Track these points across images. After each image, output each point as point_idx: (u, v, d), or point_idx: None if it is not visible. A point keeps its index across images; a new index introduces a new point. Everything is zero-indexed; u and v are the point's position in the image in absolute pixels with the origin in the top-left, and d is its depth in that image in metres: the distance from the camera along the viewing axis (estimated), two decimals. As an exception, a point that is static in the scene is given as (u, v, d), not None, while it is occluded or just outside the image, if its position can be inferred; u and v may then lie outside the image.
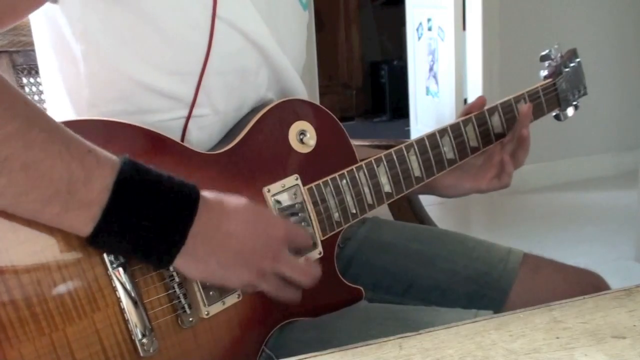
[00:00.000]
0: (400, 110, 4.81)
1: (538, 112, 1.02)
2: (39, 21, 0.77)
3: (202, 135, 0.77)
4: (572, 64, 1.08)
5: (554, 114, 1.07)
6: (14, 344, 0.56)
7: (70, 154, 0.57)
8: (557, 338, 0.55)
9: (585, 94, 1.11)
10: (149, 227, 0.60)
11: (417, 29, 3.83)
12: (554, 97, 1.04)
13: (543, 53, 1.05)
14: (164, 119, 0.74)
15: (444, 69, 3.60)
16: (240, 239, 0.66)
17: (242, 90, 0.79)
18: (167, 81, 0.73)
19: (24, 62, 1.01)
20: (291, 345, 0.77)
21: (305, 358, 0.55)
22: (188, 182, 0.64)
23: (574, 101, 1.09)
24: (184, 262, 0.64)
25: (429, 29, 3.70)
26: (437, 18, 3.59)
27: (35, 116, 0.57)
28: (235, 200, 0.68)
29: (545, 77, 1.06)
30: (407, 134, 4.18)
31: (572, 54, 1.09)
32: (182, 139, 0.76)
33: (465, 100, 3.50)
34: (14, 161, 0.55)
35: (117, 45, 0.71)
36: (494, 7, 3.19)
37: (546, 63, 1.06)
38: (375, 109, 5.30)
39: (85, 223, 0.59)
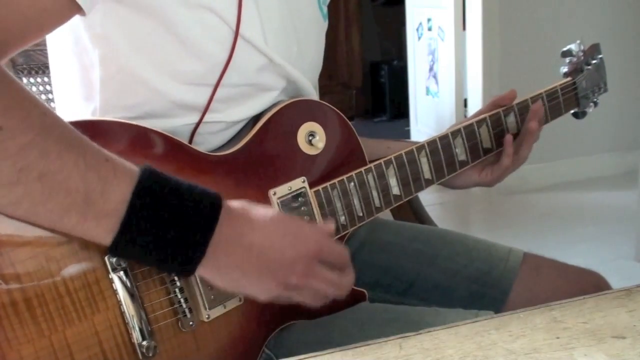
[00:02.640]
0: (400, 110, 4.80)
1: (555, 112, 0.99)
2: (54, 32, 0.76)
3: (212, 139, 0.77)
4: (594, 61, 1.04)
5: (572, 112, 1.03)
6: (14, 345, 0.56)
7: (86, 164, 0.57)
8: (557, 338, 0.55)
9: (605, 91, 1.07)
10: (169, 239, 0.60)
11: (417, 29, 3.83)
12: (572, 96, 1.01)
13: (564, 49, 1.01)
14: (174, 125, 0.74)
15: (444, 69, 3.59)
16: (265, 252, 0.64)
17: (256, 99, 0.78)
18: (183, 90, 0.73)
19: (24, 62, 1.01)
20: (291, 345, 0.77)
21: (305, 358, 0.55)
22: (210, 191, 0.63)
23: (594, 99, 1.05)
24: (207, 272, 0.63)
25: (429, 29, 3.69)
26: (437, 18, 3.59)
27: (52, 125, 0.57)
28: (262, 211, 0.66)
29: (565, 75, 1.02)
30: (407, 134, 4.18)
31: (595, 49, 1.04)
32: (190, 143, 0.75)
33: (466, 101, 3.50)
34: (30, 172, 0.54)
35: (136, 51, 0.71)
36: (494, 7, 3.19)
37: (567, 59, 1.02)
38: (375, 109, 5.29)
39: (104, 233, 0.58)
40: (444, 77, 3.61)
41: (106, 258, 0.62)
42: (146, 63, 0.71)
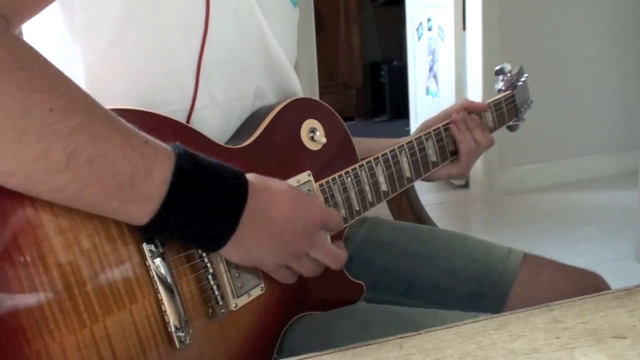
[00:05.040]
0: (400, 110, 4.81)
1: (501, 121, 1.10)
2: (34, 26, 0.76)
3: (204, 128, 0.77)
4: (522, 79, 1.15)
5: (507, 125, 1.13)
6: (56, 336, 0.56)
7: (130, 146, 0.57)
8: (557, 338, 0.55)
9: (531, 107, 1.18)
10: (204, 216, 0.61)
11: (417, 29, 3.83)
12: (513, 107, 1.12)
13: (497, 68, 1.14)
14: (166, 113, 0.73)
15: (444, 69, 3.59)
16: (282, 223, 0.67)
17: (240, 81, 0.79)
18: (166, 73, 0.73)
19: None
20: (292, 345, 0.77)
21: (305, 358, 0.56)
22: (236, 168, 0.65)
23: (524, 114, 1.16)
24: (229, 247, 0.64)
25: (429, 29, 3.69)
26: (437, 18, 3.59)
27: (95, 108, 0.57)
28: (277, 184, 0.69)
29: (500, 90, 1.13)
30: (407, 134, 4.12)
31: (521, 70, 1.17)
32: None
33: (466, 101, 3.50)
34: (79, 156, 0.54)
35: (116, 40, 0.71)
36: (494, 7, 3.19)
37: (500, 77, 1.14)
38: (375, 109, 5.30)
39: (143, 215, 0.58)
40: (444, 77, 3.61)
41: (144, 245, 0.61)
42: (128, 49, 0.71)
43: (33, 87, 0.52)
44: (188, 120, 0.75)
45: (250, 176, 0.67)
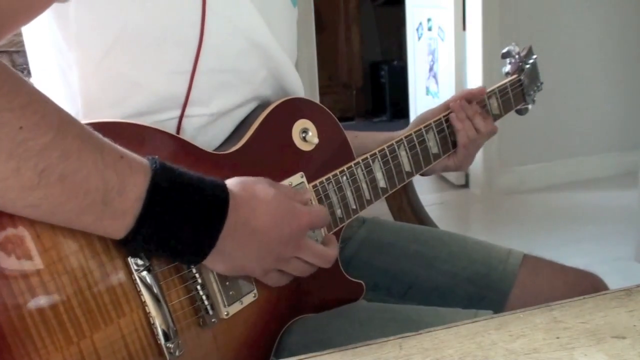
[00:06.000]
0: (400, 110, 4.80)
1: (507, 107, 1.07)
2: (30, 33, 0.76)
3: (198, 135, 0.76)
4: (530, 61, 1.12)
5: (516, 108, 1.11)
6: (43, 354, 0.55)
7: (104, 162, 0.56)
8: (557, 338, 0.55)
9: (541, 89, 1.15)
10: (182, 232, 0.60)
11: (417, 29, 3.83)
12: (520, 92, 1.10)
13: (504, 51, 1.11)
14: (158, 120, 0.73)
15: (444, 69, 3.59)
16: (267, 232, 0.67)
17: (238, 89, 0.78)
18: (163, 80, 0.73)
19: (24, 62, 1.01)
20: (291, 346, 0.77)
21: (305, 358, 0.55)
22: (217, 181, 0.64)
23: (534, 97, 1.13)
24: (212, 259, 0.64)
25: (429, 29, 3.69)
26: (437, 18, 3.59)
27: (68, 123, 0.56)
28: (264, 193, 0.68)
29: (508, 74, 1.11)
30: (407, 133, 4.17)
31: (530, 50, 1.14)
32: None
33: (465, 101, 3.49)
34: (51, 173, 0.53)
35: (110, 46, 0.70)
36: (494, 7, 3.19)
37: (507, 60, 1.11)
38: (375, 109, 5.29)
39: (118, 230, 0.58)
40: (444, 77, 3.61)
41: (129, 259, 0.61)
42: (123, 57, 0.71)
43: (1, 106, 0.52)
44: (178, 128, 0.75)
45: (235, 186, 0.66)
